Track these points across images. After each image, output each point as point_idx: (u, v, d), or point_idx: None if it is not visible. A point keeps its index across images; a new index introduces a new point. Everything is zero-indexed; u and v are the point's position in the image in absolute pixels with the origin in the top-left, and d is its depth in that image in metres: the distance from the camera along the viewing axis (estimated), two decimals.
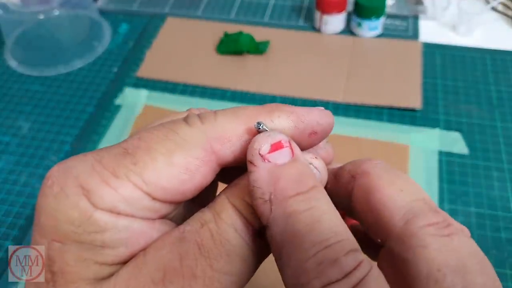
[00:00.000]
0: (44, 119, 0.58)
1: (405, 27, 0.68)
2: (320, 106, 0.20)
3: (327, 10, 0.64)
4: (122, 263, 0.16)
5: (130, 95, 0.60)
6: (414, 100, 0.56)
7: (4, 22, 0.67)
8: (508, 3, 0.68)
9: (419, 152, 0.51)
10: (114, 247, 0.16)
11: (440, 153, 0.51)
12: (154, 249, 0.16)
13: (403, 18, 0.69)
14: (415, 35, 0.66)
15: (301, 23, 0.69)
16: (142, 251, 0.16)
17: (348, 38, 0.66)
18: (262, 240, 0.17)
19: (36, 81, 0.64)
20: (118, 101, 0.60)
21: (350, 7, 0.66)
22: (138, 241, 0.16)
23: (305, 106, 0.19)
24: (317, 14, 0.65)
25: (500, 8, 0.69)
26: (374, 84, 0.59)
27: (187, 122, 0.18)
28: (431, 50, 0.63)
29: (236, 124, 0.18)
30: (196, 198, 0.18)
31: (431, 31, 0.67)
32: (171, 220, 0.18)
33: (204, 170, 0.17)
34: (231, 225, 0.17)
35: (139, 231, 0.16)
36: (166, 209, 0.17)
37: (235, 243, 0.16)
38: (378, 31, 0.66)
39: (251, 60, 0.63)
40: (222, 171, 0.19)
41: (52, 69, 0.65)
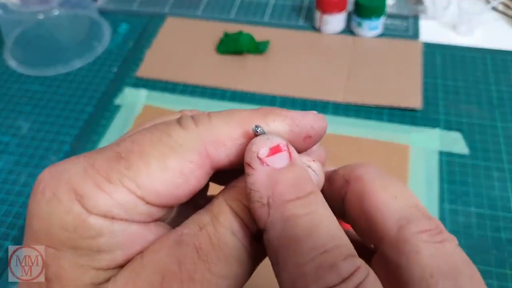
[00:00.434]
0: (43, 119, 0.58)
1: (405, 27, 0.67)
2: (318, 108, 0.20)
3: (327, 9, 0.64)
4: (119, 267, 0.16)
5: (130, 95, 0.60)
6: (414, 100, 0.56)
7: (3, 22, 0.67)
8: (509, 3, 0.68)
9: (420, 152, 0.51)
10: (110, 251, 0.16)
11: (441, 153, 0.51)
12: (151, 252, 0.16)
13: (404, 17, 0.69)
14: (416, 35, 0.66)
15: (301, 22, 0.69)
16: (139, 254, 0.16)
17: (348, 38, 0.65)
18: (258, 243, 0.17)
19: (36, 81, 0.63)
20: (117, 101, 0.60)
21: (350, 6, 0.66)
22: (134, 244, 0.16)
23: (298, 110, 0.19)
24: (317, 14, 0.65)
25: (501, 8, 0.69)
26: (374, 84, 0.59)
27: (181, 124, 0.17)
28: (432, 50, 0.63)
29: (231, 127, 0.17)
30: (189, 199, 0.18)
31: (431, 31, 0.66)
32: (164, 222, 0.18)
33: (199, 174, 0.17)
34: (229, 228, 0.16)
35: (134, 234, 0.16)
36: (160, 212, 0.17)
37: (233, 246, 0.16)
38: (379, 31, 0.66)
39: (251, 60, 0.63)
40: (215, 172, 0.19)
41: (52, 69, 0.64)
